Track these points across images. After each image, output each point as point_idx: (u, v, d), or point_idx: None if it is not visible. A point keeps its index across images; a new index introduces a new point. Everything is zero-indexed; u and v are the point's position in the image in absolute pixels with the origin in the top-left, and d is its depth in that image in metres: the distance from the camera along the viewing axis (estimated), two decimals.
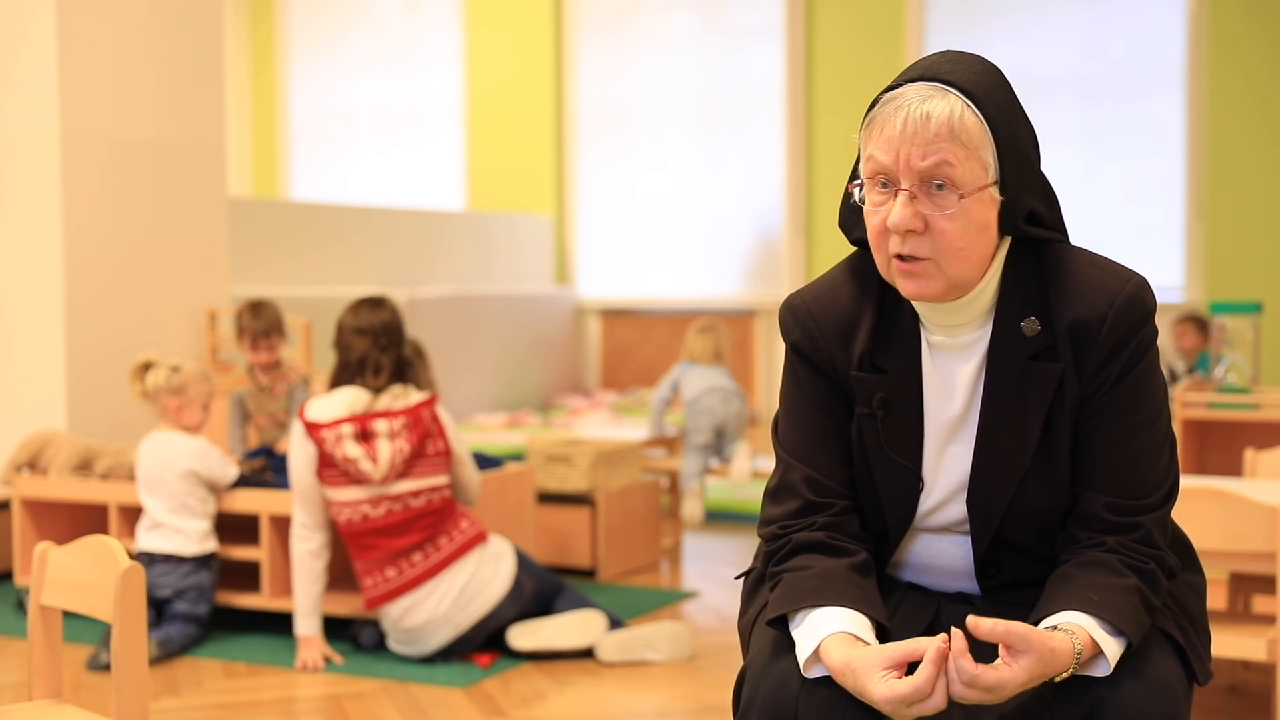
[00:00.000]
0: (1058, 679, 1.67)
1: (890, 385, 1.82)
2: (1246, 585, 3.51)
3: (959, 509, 1.82)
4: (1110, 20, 8.75)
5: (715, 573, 5.39)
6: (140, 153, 5.84)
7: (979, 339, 1.80)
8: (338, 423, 4.02)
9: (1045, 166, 1.87)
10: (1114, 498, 1.76)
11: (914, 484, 1.83)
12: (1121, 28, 8.71)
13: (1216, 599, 3.63)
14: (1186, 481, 3.17)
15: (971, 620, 1.62)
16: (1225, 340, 4.55)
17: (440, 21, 10.91)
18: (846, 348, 1.84)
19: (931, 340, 1.83)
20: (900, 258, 1.74)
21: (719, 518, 6.50)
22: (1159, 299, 1.78)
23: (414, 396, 4.12)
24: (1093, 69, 8.78)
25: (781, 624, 1.79)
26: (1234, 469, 4.43)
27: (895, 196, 1.73)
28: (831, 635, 1.71)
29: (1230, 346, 4.53)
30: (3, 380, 5.64)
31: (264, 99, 11.71)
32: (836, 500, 1.86)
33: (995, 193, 1.75)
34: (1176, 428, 4.46)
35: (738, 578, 2.02)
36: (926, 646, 1.63)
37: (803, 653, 1.73)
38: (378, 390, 4.09)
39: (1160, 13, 8.58)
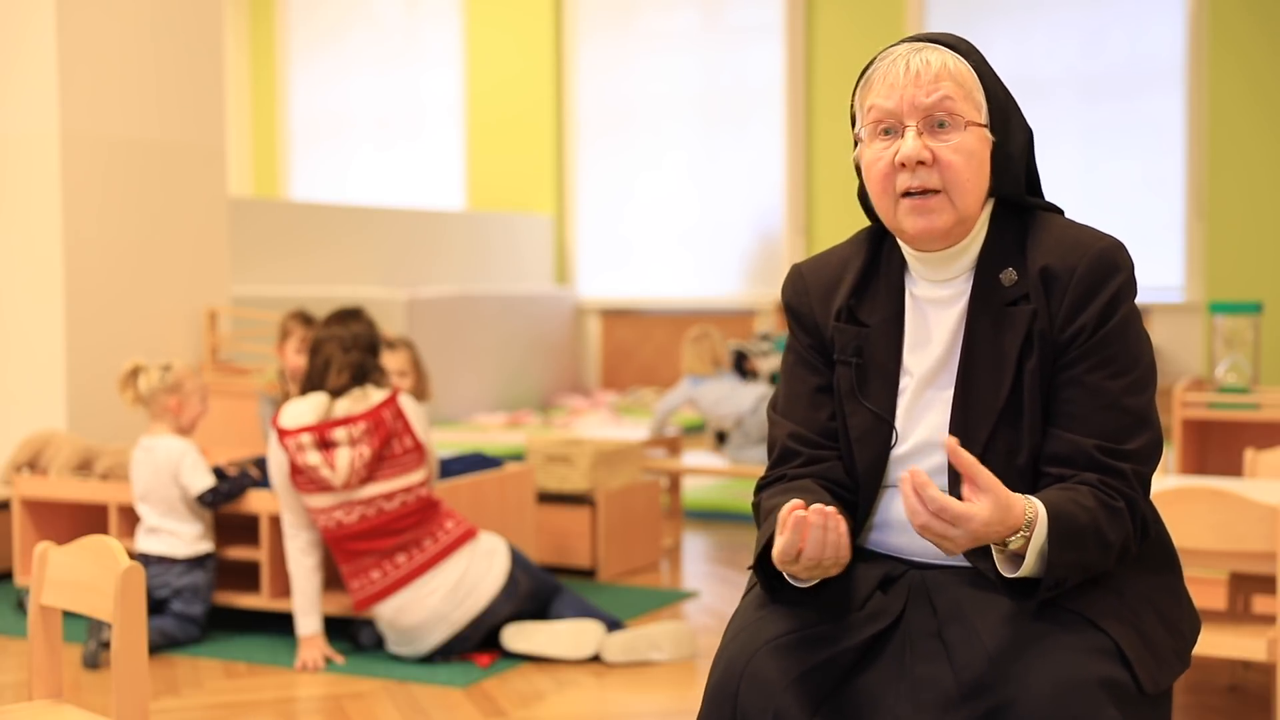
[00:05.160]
0: (1000, 547, 1.72)
1: (869, 336, 1.91)
2: (1246, 585, 3.51)
3: (936, 457, 1.86)
4: (1110, 20, 8.75)
5: (715, 573, 5.39)
6: (140, 153, 5.84)
7: (961, 291, 1.89)
8: (299, 431, 4.04)
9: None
10: (1100, 440, 1.79)
11: (885, 433, 1.89)
12: (1121, 28, 8.72)
13: (1216, 599, 3.63)
14: (1186, 481, 3.16)
15: (951, 441, 1.68)
16: (1225, 340, 4.54)
17: (440, 21, 10.91)
18: (828, 303, 1.95)
19: (915, 292, 1.92)
20: (910, 195, 1.84)
21: (719, 518, 6.50)
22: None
23: (374, 397, 4.12)
24: (1093, 69, 8.78)
25: (764, 570, 1.84)
26: (1234, 469, 4.42)
27: (899, 138, 1.84)
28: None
29: (1230, 346, 4.53)
30: (3, 380, 5.64)
31: (264, 99, 11.71)
32: (814, 450, 1.92)
33: (988, 134, 1.87)
34: (1176, 428, 4.46)
35: (749, 568, 2.02)
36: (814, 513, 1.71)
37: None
38: (335, 393, 4.10)
39: (1160, 12, 8.58)
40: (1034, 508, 1.71)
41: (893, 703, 1.73)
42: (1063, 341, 1.82)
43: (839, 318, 1.92)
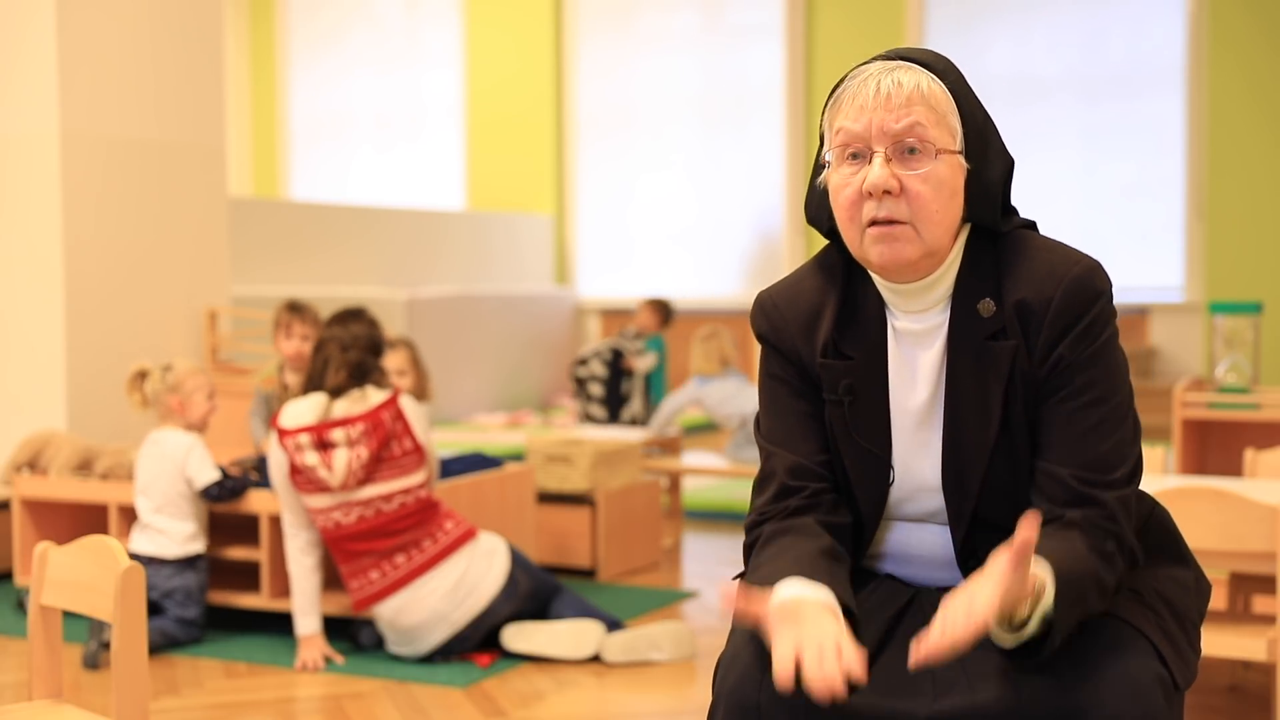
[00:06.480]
0: (1003, 624, 1.65)
1: (856, 372, 1.85)
2: (1246, 585, 3.51)
3: (936, 498, 1.83)
4: (1110, 20, 8.75)
5: (715, 573, 5.39)
6: (140, 153, 5.84)
7: (940, 324, 1.82)
8: (297, 431, 4.04)
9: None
10: (1078, 470, 1.75)
11: (883, 470, 1.84)
12: (1121, 28, 8.72)
13: (1216, 599, 3.63)
14: (1186, 481, 3.17)
15: (1031, 521, 1.58)
16: (1225, 340, 4.55)
17: (440, 21, 10.92)
18: (810, 337, 1.87)
19: (896, 326, 1.85)
20: (876, 223, 1.76)
21: (718, 518, 6.50)
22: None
23: (374, 398, 4.12)
24: (1093, 69, 8.78)
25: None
26: (1234, 469, 4.42)
27: (868, 164, 1.76)
28: (795, 582, 1.72)
29: (1230, 346, 4.53)
30: (3, 380, 5.64)
31: (264, 99, 11.71)
32: (813, 483, 1.87)
33: (963, 161, 1.78)
34: (1176, 428, 4.46)
35: (734, 579, 2.01)
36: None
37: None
38: (334, 392, 4.10)
39: (1160, 13, 8.58)
40: (1040, 577, 1.65)
41: (934, 667, 1.71)
42: (1042, 375, 1.77)
43: (825, 353, 1.85)
